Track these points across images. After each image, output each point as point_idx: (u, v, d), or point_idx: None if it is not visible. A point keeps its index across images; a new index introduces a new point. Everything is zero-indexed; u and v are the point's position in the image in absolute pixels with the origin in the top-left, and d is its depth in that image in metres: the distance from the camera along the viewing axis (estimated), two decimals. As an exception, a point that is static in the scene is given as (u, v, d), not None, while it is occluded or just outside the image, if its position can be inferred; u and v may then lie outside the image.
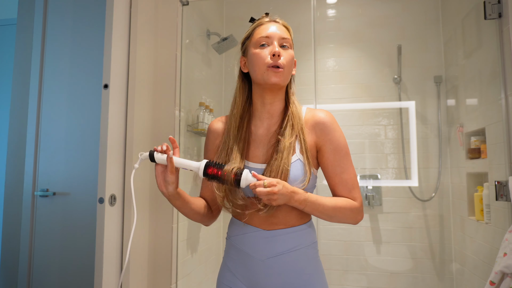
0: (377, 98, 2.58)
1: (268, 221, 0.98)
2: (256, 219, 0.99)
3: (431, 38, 2.53)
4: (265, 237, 0.97)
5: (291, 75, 1.00)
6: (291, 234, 0.97)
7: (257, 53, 0.97)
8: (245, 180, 0.89)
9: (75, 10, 1.82)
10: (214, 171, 0.90)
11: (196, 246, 2.14)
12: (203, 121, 2.11)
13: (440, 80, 2.46)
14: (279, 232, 0.97)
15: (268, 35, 0.98)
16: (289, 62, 0.97)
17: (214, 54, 2.42)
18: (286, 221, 0.98)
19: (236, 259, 1.01)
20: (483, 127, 1.84)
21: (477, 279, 1.95)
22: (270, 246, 0.96)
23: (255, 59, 0.97)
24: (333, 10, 2.73)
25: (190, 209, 1.01)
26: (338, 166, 0.97)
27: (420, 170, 2.46)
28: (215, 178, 0.91)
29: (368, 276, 2.50)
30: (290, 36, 1.02)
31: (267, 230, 0.97)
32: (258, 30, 1.00)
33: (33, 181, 1.77)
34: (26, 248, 1.74)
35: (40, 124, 1.81)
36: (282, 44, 0.98)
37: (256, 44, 0.99)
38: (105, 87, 1.55)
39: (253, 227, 0.99)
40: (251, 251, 0.98)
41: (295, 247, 0.97)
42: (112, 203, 1.56)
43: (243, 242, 0.99)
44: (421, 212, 2.45)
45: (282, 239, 0.97)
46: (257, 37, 0.99)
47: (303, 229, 0.99)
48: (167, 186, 0.93)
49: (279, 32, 0.98)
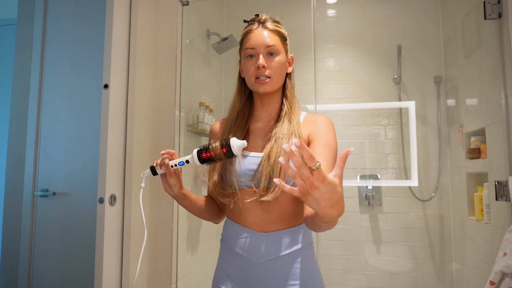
0: (377, 98, 2.58)
1: (264, 220, 0.96)
2: (251, 218, 0.97)
3: (431, 38, 2.53)
4: (260, 240, 0.95)
5: (282, 79, 1.01)
6: (288, 235, 0.96)
7: (246, 65, 1.00)
8: (236, 145, 0.88)
9: (75, 10, 1.82)
10: (207, 154, 0.92)
11: (196, 246, 2.14)
12: (203, 121, 2.11)
13: (440, 80, 2.46)
14: (275, 234, 0.95)
15: (253, 45, 0.98)
16: (277, 69, 0.99)
17: (214, 54, 2.42)
18: (282, 220, 0.96)
19: (231, 262, 1.00)
20: (483, 127, 1.84)
21: (477, 279, 1.95)
22: (266, 249, 0.95)
23: (245, 70, 1.01)
24: (333, 10, 2.73)
25: (197, 208, 1.04)
26: (323, 159, 0.92)
27: (420, 170, 2.46)
28: (210, 160, 0.92)
29: (368, 276, 2.50)
30: (281, 38, 1.02)
31: (263, 232, 0.96)
32: (246, 39, 1.01)
33: (33, 181, 1.77)
34: (26, 248, 1.74)
35: (40, 124, 1.81)
36: (268, 52, 0.98)
37: (244, 55, 1.01)
38: (105, 87, 1.55)
39: (248, 229, 0.97)
40: (246, 254, 0.96)
41: (292, 249, 0.95)
42: (112, 203, 1.56)
43: (238, 245, 0.98)
44: (421, 212, 2.45)
45: (278, 242, 0.95)
46: (244, 48, 1.01)
47: (299, 230, 0.98)
48: (172, 188, 0.98)
49: (264, 41, 0.98)
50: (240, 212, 0.99)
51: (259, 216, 0.96)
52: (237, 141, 0.89)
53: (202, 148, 0.93)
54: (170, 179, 0.96)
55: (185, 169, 1.97)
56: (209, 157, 0.91)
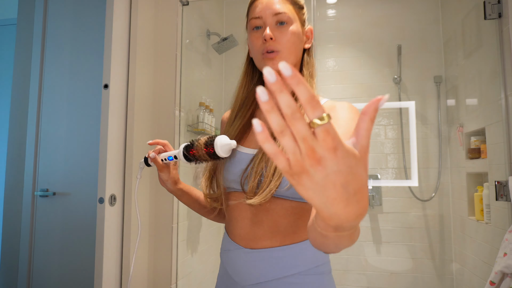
0: (377, 98, 2.58)
1: (250, 234, 0.77)
2: (238, 230, 0.79)
3: (431, 38, 2.53)
4: (245, 258, 0.76)
5: (296, 55, 0.82)
6: (279, 254, 0.74)
7: (251, 38, 0.83)
8: (221, 145, 0.72)
9: (75, 10, 1.82)
10: (193, 151, 0.77)
11: (196, 246, 2.14)
12: (203, 121, 2.11)
13: (440, 80, 2.46)
14: (263, 252, 0.75)
15: (259, 14, 0.81)
16: (288, 41, 0.79)
17: (214, 54, 2.42)
18: (272, 236, 0.75)
19: (220, 279, 0.85)
20: (483, 127, 1.84)
21: (477, 279, 1.95)
22: (253, 269, 0.75)
23: (250, 46, 0.84)
24: (333, 10, 2.73)
25: (199, 206, 0.94)
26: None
27: (420, 170, 2.46)
28: (196, 159, 0.78)
29: (368, 276, 2.50)
30: (294, 5, 0.83)
31: (248, 249, 0.76)
32: (251, 8, 0.84)
33: (33, 181, 1.77)
34: (26, 248, 1.74)
35: (40, 124, 1.81)
36: (278, 21, 0.80)
37: (250, 27, 0.84)
38: (105, 87, 1.55)
39: (234, 243, 0.80)
40: (232, 272, 0.79)
41: (286, 273, 0.74)
42: (112, 203, 1.56)
43: (226, 260, 0.82)
44: (421, 212, 2.45)
45: (267, 262, 0.74)
46: (249, 18, 0.84)
47: (299, 250, 0.75)
48: (165, 183, 0.90)
49: (273, 8, 0.80)
50: (229, 221, 0.83)
51: (245, 228, 0.78)
52: (223, 140, 0.73)
53: (190, 144, 0.79)
54: (160, 174, 0.87)
55: (184, 167, 1.96)
56: (194, 155, 0.77)
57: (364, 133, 0.34)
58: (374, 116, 0.34)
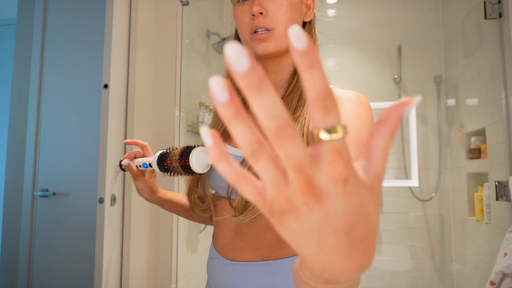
0: (377, 98, 2.58)
1: (231, 244, 0.67)
2: (220, 238, 0.70)
3: (431, 38, 2.53)
4: (225, 269, 0.67)
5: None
6: (261, 270, 0.64)
7: (236, 13, 0.67)
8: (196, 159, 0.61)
9: (75, 10, 1.82)
10: (167, 161, 0.67)
11: (196, 246, 2.14)
12: (203, 121, 2.10)
13: (440, 80, 2.46)
14: (244, 266, 0.65)
15: None
16: (283, 16, 0.62)
17: (214, 54, 2.42)
18: (253, 250, 0.64)
19: (208, 286, 0.77)
20: (483, 127, 1.84)
21: (477, 279, 1.94)
22: (229, 283, 0.66)
23: (236, 24, 0.69)
24: (333, 10, 2.73)
25: (186, 213, 0.85)
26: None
27: (420, 170, 2.46)
28: (169, 170, 0.67)
29: (368, 276, 2.50)
30: None
31: (228, 260, 0.67)
32: None
33: (33, 181, 1.77)
34: (26, 248, 1.74)
35: (40, 124, 1.81)
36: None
37: (235, 0, 0.67)
38: (105, 87, 1.55)
39: (216, 252, 0.71)
40: (212, 282, 0.72)
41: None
42: (112, 203, 1.56)
43: (208, 268, 0.75)
44: (421, 212, 2.45)
45: (247, 277, 0.64)
46: None
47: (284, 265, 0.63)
48: (141, 193, 0.79)
49: None
50: (215, 227, 0.75)
51: (227, 236, 0.68)
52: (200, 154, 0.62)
53: (166, 152, 0.68)
54: (135, 182, 0.77)
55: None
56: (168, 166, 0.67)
57: (380, 153, 0.23)
58: (395, 128, 0.23)
